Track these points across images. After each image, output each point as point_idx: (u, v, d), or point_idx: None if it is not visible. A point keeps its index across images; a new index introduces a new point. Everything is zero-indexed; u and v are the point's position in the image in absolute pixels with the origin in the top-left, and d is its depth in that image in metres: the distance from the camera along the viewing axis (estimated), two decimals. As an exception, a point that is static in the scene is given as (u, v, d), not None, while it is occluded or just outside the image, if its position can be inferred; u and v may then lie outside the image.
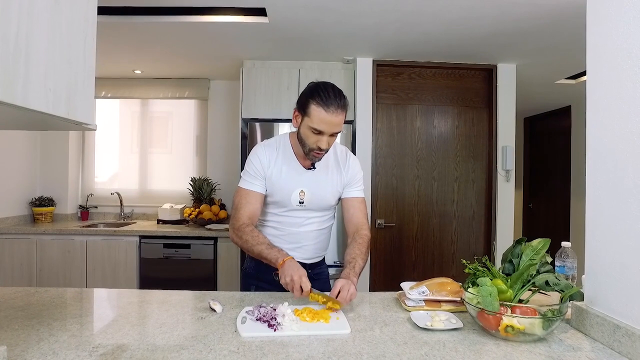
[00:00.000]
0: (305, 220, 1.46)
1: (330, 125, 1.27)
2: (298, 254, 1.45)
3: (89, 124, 0.97)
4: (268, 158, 1.43)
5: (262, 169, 1.42)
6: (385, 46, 2.86)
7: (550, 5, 2.15)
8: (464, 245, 3.20)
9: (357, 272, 1.28)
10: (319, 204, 1.45)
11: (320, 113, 1.26)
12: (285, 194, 1.42)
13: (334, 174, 1.47)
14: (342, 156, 1.51)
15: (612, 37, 0.98)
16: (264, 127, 3.00)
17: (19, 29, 0.72)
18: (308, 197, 1.42)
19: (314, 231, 1.48)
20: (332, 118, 1.26)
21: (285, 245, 1.44)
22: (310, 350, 0.89)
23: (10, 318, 1.06)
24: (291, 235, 1.46)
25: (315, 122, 1.27)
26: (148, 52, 3.10)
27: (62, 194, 3.65)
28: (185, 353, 0.87)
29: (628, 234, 0.91)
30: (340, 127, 1.30)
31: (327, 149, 1.33)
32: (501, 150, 3.15)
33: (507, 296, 1.01)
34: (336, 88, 1.31)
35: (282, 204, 1.44)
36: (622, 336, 0.88)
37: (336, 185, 1.47)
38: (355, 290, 1.19)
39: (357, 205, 1.49)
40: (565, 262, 1.28)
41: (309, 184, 1.42)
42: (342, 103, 1.28)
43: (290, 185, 1.41)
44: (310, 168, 1.44)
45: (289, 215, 1.45)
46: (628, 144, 0.92)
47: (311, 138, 1.31)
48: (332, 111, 1.25)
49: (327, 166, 1.46)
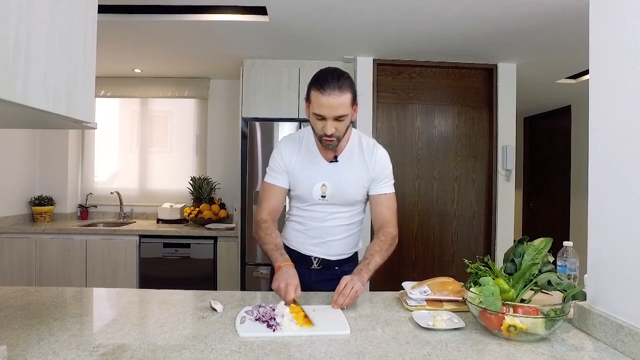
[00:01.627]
0: (329, 215, 1.41)
1: (329, 108, 1.23)
2: (322, 249, 1.43)
3: (89, 122, 0.97)
4: (290, 152, 1.42)
5: (283, 163, 1.42)
6: (385, 45, 2.86)
7: (550, 5, 2.15)
8: (464, 245, 3.20)
9: (370, 268, 1.26)
10: (343, 198, 1.39)
11: (319, 97, 1.23)
12: (307, 187, 1.39)
13: (358, 167, 1.40)
14: (368, 149, 1.43)
15: (615, 36, 0.97)
16: (264, 126, 3.00)
17: (19, 27, 0.72)
18: (330, 191, 1.38)
19: (340, 226, 1.43)
20: (330, 100, 1.22)
21: (309, 241, 1.43)
22: (312, 350, 0.89)
23: (10, 317, 1.05)
24: (315, 230, 1.43)
25: (315, 106, 1.25)
26: (148, 51, 3.09)
27: (61, 193, 3.64)
28: (186, 353, 0.86)
29: (631, 234, 0.91)
30: (343, 110, 1.25)
31: (336, 134, 1.28)
32: (501, 150, 3.15)
33: (510, 296, 1.00)
34: (337, 71, 1.26)
35: (304, 198, 1.41)
36: (625, 336, 0.88)
37: (361, 179, 1.40)
38: (361, 287, 1.17)
39: (384, 202, 1.42)
40: (567, 262, 1.28)
41: (331, 177, 1.38)
42: (340, 84, 1.22)
43: (311, 178, 1.38)
44: (333, 161, 1.39)
45: (311, 210, 1.42)
46: (631, 143, 0.91)
47: (317, 124, 1.29)
48: (328, 93, 1.21)
49: (351, 159, 1.40)
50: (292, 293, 1.14)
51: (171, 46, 2.97)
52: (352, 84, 1.28)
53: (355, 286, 1.16)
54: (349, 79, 1.27)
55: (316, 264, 1.44)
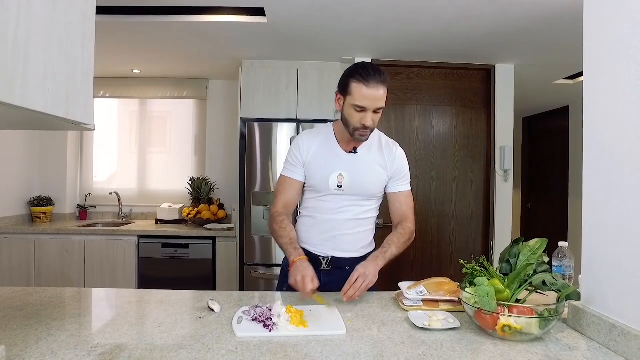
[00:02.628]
0: (342, 207, 1.42)
1: (372, 100, 1.27)
2: (332, 244, 1.42)
3: (88, 124, 0.97)
4: (307, 144, 1.45)
5: (300, 155, 1.44)
6: (383, 46, 2.87)
7: (548, 6, 2.16)
8: (462, 245, 3.21)
9: (387, 257, 1.30)
10: (359, 189, 1.41)
11: (362, 89, 1.26)
12: (324, 176, 1.40)
13: (376, 160, 1.43)
14: (387, 145, 1.47)
15: (608, 38, 0.98)
16: (262, 127, 3.00)
17: (18, 29, 0.73)
18: (347, 181, 1.39)
19: (351, 220, 1.43)
20: (374, 92, 1.26)
21: (319, 236, 1.43)
22: (309, 350, 0.90)
23: (8, 318, 1.06)
24: (325, 223, 1.43)
25: (357, 98, 1.28)
26: (147, 52, 3.10)
27: (60, 194, 3.64)
28: (183, 352, 0.87)
29: (624, 234, 0.92)
30: (382, 102, 1.30)
31: (372, 126, 1.32)
32: (499, 150, 3.16)
33: (505, 296, 1.01)
34: (374, 66, 1.32)
35: (319, 188, 1.42)
36: (618, 335, 0.89)
37: (379, 173, 1.43)
38: (374, 279, 1.21)
39: (403, 199, 1.47)
40: (563, 262, 1.29)
41: (349, 167, 1.40)
42: (382, 78, 1.28)
43: (328, 167, 1.40)
44: (352, 152, 1.42)
45: (325, 201, 1.43)
46: (624, 144, 0.92)
47: (355, 117, 1.31)
48: (372, 85, 1.26)
49: (369, 151, 1.43)
50: (310, 284, 1.16)
51: (170, 47, 2.97)
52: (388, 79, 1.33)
53: (367, 280, 1.18)
54: (385, 75, 1.32)
55: (325, 264, 1.43)
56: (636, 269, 0.88)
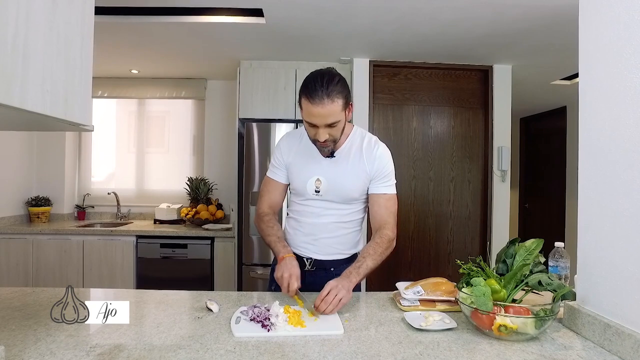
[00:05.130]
0: (324, 211, 1.39)
1: (319, 117, 1.20)
2: (315, 247, 1.40)
3: (86, 124, 0.98)
4: (289, 147, 1.43)
5: (281, 158, 1.44)
6: (381, 47, 2.87)
7: (545, 7, 2.17)
8: (460, 245, 3.22)
9: (361, 272, 1.22)
10: (338, 194, 1.36)
11: (307, 106, 1.20)
12: (302, 181, 1.38)
13: (356, 164, 1.36)
14: (368, 145, 1.39)
15: (602, 40, 0.99)
16: (260, 127, 3.01)
17: (17, 31, 0.73)
18: (325, 186, 1.36)
19: (333, 224, 1.39)
20: (319, 109, 1.18)
21: (302, 238, 1.42)
22: (306, 350, 0.90)
23: (7, 318, 1.06)
24: (308, 226, 1.41)
25: (305, 115, 1.23)
26: (145, 52, 3.10)
27: (58, 194, 3.64)
28: (182, 352, 0.87)
29: (618, 234, 0.93)
30: (334, 118, 1.21)
31: (330, 139, 1.27)
32: (497, 151, 3.17)
33: (501, 296, 1.02)
34: (327, 77, 1.21)
35: (299, 192, 1.41)
36: (612, 335, 0.90)
37: (359, 176, 1.36)
38: (347, 294, 1.13)
39: (382, 202, 1.37)
40: (559, 262, 1.30)
41: (327, 172, 1.36)
42: (329, 92, 1.18)
43: (306, 172, 1.38)
44: (330, 156, 1.37)
45: (306, 205, 1.41)
46: (619, 145, 0.93)
47: (310, 131, 1.28)
48: (317, 102, 1.18)
49: (348, 155, 1.37)
50: (295, 284, 1.17)
51: (168, 47, 2.97)
52: (343, 88, 1.23)
53: (339, 294, 1.11)
54: (339, 84, 1.21)
55: (309, 265, 1.42)
56: (630, 269, 0.89)
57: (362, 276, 1.23)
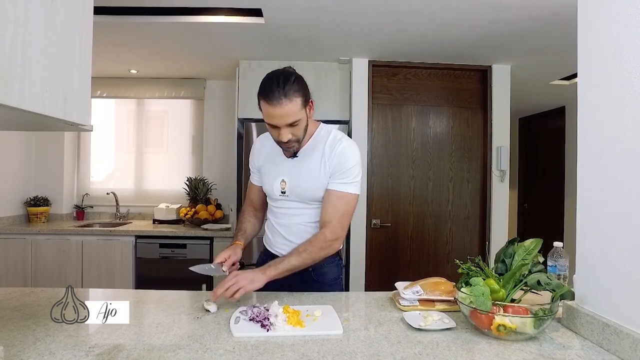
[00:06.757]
0: (294, 211, 1.39)
1: (279, 118, 1.19)
2: (290, 249, 1.36)
3: (85, 124, 0.98)
4: (258, 150, 1.47)
5: (253, 162, 1.49)
6: (380, 47, 2.88)
7: (544, 7, 2.17)
8: (459, 245, 3.22)
9: (279, 268, 1.21)
10: (302, 194, 1.35)
11: (266, 108, 1.19)
12: (270, 183, 1.40)
13: (318, 163, 1.32)
14: (332, 143, 1.33)
15: (601, 41, 1.00)
16: (260, 127, 3.01)
17: (16, 31, 0.73)
18: (289, 186, 1.36)
19: (305, 224, 1.38)
20: (277, 110, 1.17)
21: (279, 239, 1.44)
22: (305, 349, 0.90)
23: (6, 319, 1.06)
24: (281, 228, 1.42)
25: (266, 116, 1.22)
26: (144, 52, 3.09)
27: (57, 194, 3.63)
28: (181, 352, 0.87)
29: (616, 234, 0.93)
30: (293, 117, 1.19)
31: (293, 139, 1.25)
32: (496, 151, 3.17)
33: (500, 296, 1.02)
34: (283, 76, 1.19)
35: (269, 193, 1.43)
36: (610, 334, 0.90)
37: (320, 176, 1.32)
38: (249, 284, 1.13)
39: (331, 199, 1.30)
40: (557, 262, 1.30)
41: (290, 173, 1.36)
42: (285, 91, 1.16)
43: (272, 174, 1.40)
44: (293, 156, 1.36)
45: (277, 206, 1.43)
46: (617, 145, 0.93)
47: (272, 132, 1.27)
48: (275, 103, 1.16)
49: (311, 154, 1.34)
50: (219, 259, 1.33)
51: (167, 47, 2.97)
52: (300, 87, 1.21)
53: (239, 282, 1.12)
54: (296, 83, 1.19)
55: None
56: (628, 269, 0.89)
57: (282, 272, 1.22)
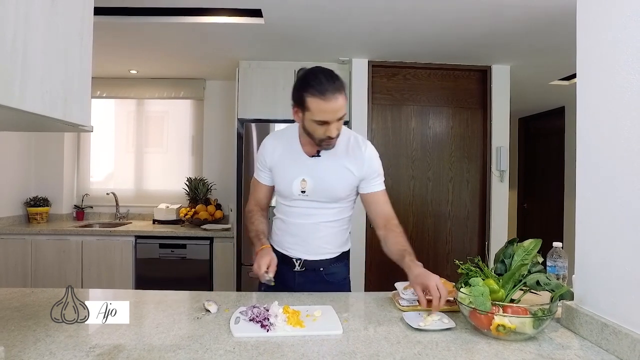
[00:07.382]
0: (311, 211, 1.38)
1: (333, 113, 1.20)
2: (304, 248, 1.39)
3: (85, 125, 0.98)
4: (271, 149, 1.43)
5: (264, 160, 1.44)
6: (380, 47, 2.88)
7: (543, 7, 2.18)
8: (458, 245, 3.22)
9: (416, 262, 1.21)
10: (325, 194, 1.35)
11: (319, 104, 1.19)
12: (287, 182, 1.37)
13: (342, 163, 1.35)
14: (354, 144, 1.37)
15: (600, 42, 1.00)
16: (259, 127, 3.01)
17: (16, 32, 0.73)
18: (311, 186, 1.34)
19: (322, 223, 1.38)
20: (332, 105, 1.19)
21: (290, 239, 1.42)
22: (305, 350, 0.90)
23: (6, 319, 1.06)
24: (295, 227, 1.40)
25: (317, 114, 1.21)
26: (144, 52, 3.10)
27: (57, 194, 3.63)
28: (181, 353, 0.88)
29: (615, 235, 0.93)
30: (343, 111, 1.23)
31: (338, 134, 1.28)
32: (495, 151, 3.18)
33: (499, 296, 1.02)
34: (327, 71, 1.23)
35: (284, 193, 1.39)
36: (609, 334, 0.90)
37: (346, 175, 1.35)
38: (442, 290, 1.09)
39: (382, 199, 1.39)
40: (557, 262, 1.30)
41: (312, 172, 1.34)
42: (337, 85, 1.20)
43: (291, 173, 1.36)
44: (315, 155, 1.35)
45: (293, 206, 1.40)
46: (616, 146, 0.94)
47: (319, 130, 1.24)
48: (329, 98, 1.18)
49: (334, 153, 1.34)
50: (264, 267, 1.23)
51: (167, 48, 2.97)
52: (343, 81, 1.25)
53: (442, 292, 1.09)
54: (340, 78, 1.24)
55: (298, 265, 1.41)
56: (627, 269, 0.89)
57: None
